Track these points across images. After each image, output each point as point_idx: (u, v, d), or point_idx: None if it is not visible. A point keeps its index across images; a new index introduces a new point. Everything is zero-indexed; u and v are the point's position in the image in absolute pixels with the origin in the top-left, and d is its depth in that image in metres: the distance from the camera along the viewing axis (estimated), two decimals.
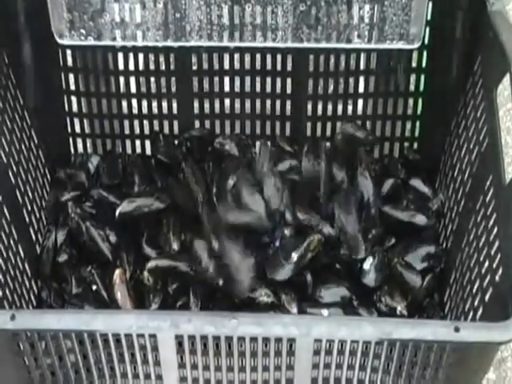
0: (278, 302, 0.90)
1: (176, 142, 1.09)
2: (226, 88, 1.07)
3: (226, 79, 1.06)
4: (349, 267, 0.95)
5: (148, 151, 1.10)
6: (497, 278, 0.79)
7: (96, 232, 0.96)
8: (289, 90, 1.07)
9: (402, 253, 0.96)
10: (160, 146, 1.08)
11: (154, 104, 1.08)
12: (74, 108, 1.09)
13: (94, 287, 0.94)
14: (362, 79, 1.06)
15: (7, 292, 0.88)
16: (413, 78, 1.05)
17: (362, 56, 1.04)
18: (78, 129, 1.10)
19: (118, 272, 0.92)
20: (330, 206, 0.97)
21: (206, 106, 1.08)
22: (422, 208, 1.00)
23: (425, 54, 1.03)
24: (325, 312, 0.90)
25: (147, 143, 1.10)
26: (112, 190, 1.03)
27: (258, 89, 1.07)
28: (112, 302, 0.92)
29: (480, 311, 0.82)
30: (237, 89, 1.07)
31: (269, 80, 1.06)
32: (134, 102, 1.08)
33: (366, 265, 0.93)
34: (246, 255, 0.91)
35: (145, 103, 1.08)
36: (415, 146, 1.10)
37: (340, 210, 0.96)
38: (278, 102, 1.08)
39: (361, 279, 0.93)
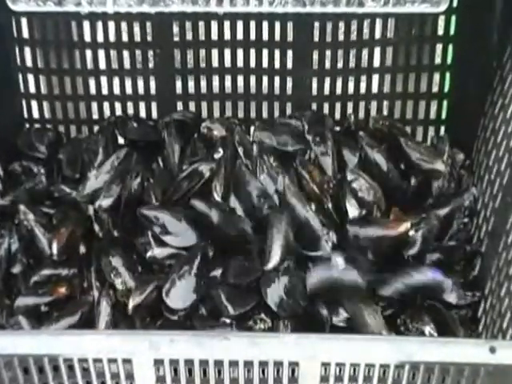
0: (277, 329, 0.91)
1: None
2: (215, 63, 1.07)
3: (215, 52, 1.06)
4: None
5: (122, 140, 1.10)
6: None
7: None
8: (289, 65, 1.07)
9: None
10: (131, 128, 1.08)
11: (128, 83, 1.08)
12: (31, 88, 1.09)
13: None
14: (377, 51, 1.06)
15: None
16: (439, 48, 1.06)
17: (378, 23, 1.04)
18: (36, 113, 1.11)
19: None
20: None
21: (191, 84, 1.08)
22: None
23: (453, 19, 1.03)
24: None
25: None
26: (77, 184, 1.03)
27: (252, 64, 1.07)
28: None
29: None
30: (227, 64, 1.07)
31: (265, 53, 1.06)
32: (104, 80, 1.08)
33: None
34: None
35: (116, 82, 1.08)
36: (442, 130, 1.10)
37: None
38: (276, 80, 1.08)
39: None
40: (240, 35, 1.05)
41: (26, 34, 1.05)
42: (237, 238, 0.95)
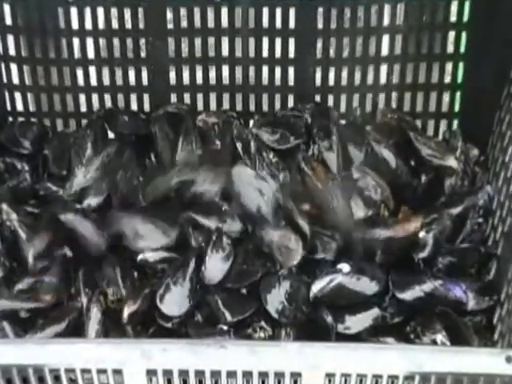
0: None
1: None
2: (211, 52, 1.07)
3: (211, 41, 1.06)
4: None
5: (112, 134, 1.10)
6: None
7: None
8: (291, 54, 1.07)
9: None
10: (122, 121, 1.08)
11: (118, 73, 1.08)
12: (15, 79, 1.09)
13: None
14: (386, 39, 1.06)
15: None
16: (451, 36, 1.05)
17: (386, 9, 1.04)
18: (19, 106, 1.10)
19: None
20: None
21: (185, 75, 1.08)
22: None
23: (467, 4, 1.02)
24: (345, 267, 0.91)
25: None
26: (63, 182, 1.03)
27: (251, 53, 1.07)
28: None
29: None
30: (225, 53, 1.07)
31: (266, 41, 1.06)
32: (92, 70, 1.08)
33: None
34: None
35: (106, 72, 1.08)
36: (455, 124, 1.10)
37: None
38: (277, 70, 1.07)
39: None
40: (238, 22, 1.05)
41: (8, 20, 1.05)
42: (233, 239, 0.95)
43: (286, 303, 0.91)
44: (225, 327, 0.90)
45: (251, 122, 1.08)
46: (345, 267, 0.92)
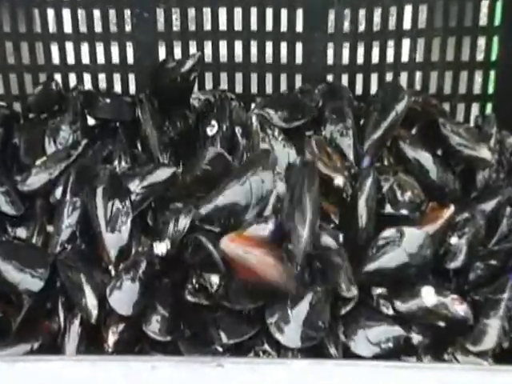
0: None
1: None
2: (207, 26, 1.07)
3: (207, 12, 1.06)
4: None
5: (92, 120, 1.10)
6: None
7: None
8: (299, 28, 1.06)
9: None
10: (103, 105, 1.07)
11: (100, 49, 1.08)
12: None
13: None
14: (408, 10, 1.06)
15: None
16: (484, 6, 1.05)
17: None
18: None
19: None
20: None
21: (177, 51, 1.08)
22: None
23: None
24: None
25: None
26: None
27: (253, 26, 1.06)
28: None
29: None
30: (222, 26, 1.07)
31: (269, 13, 1.06)
32: (69, 46, 1.08)
33: None
34: None
35: (85, 49, 1.08)
36: (488, 108, 1.10)
37: None
38: (283, 46, 1.07)
39: None
40: None
41: None
42: None
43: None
44: (220, 348, 0.89)
45: (253, 106, 1.07)
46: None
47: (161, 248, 0.92)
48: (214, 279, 0.90)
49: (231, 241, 0.87)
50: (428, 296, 0.91)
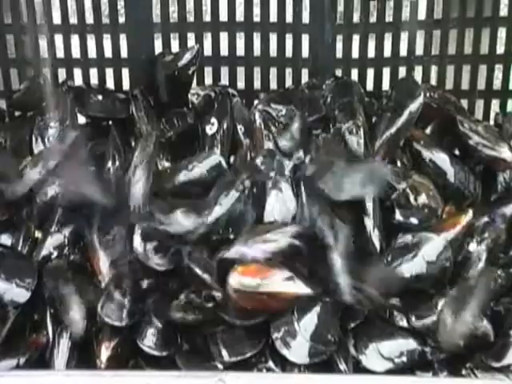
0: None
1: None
2: (207, 17, 1.07)
3: (206, 1, 1.06)
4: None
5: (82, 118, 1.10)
6: None
7: None
8: (306, 19, 1.07)
9: None
10: (94, 102, 1.08)
11: (91, 42, 1.08)
12: None
13: None
14: None
15: None
16: None
17: None
18: None
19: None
20: None
21: (174, 44, 1.08)
22: None
23: None
24: None
25: None
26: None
27: (256, 16, 1.07)
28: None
29: None
30: (223, 17, 1.07)
31: (274, 2, 1.06)
32: (59, 38, 1.08)
33: None
34: None
35: (75, 41, 1.08)
36: (509, 104, 1.10)
37: None
38: (288, 37, 1.08)
39: None
40: None
41: None
42: None
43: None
44: (220, 365, 0.89)
45: (256, 102, 1.07)
46: None
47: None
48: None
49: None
50: None
